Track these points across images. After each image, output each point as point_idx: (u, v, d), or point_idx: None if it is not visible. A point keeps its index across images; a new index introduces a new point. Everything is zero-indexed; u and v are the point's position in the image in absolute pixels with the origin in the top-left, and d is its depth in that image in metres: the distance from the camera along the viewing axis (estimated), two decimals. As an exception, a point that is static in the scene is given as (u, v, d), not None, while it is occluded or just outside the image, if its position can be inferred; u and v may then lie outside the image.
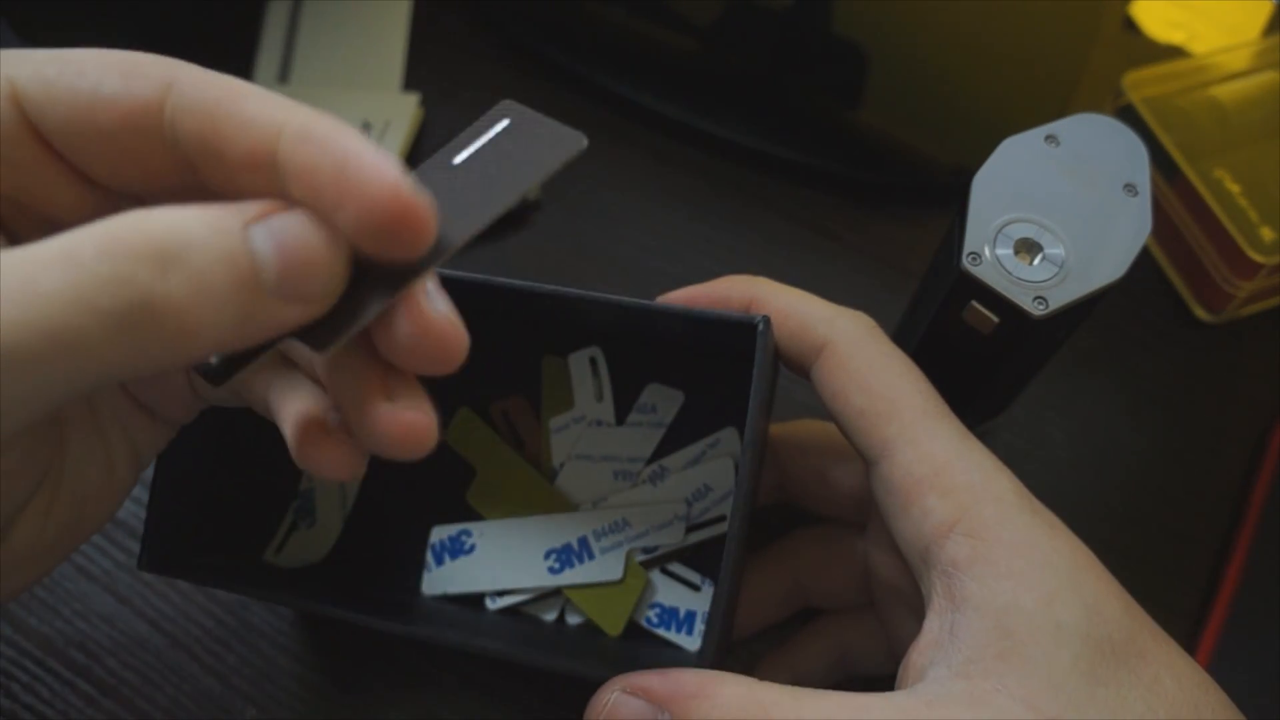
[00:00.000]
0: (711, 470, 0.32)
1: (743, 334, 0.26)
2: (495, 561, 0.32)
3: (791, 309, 0.27)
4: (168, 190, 0.20)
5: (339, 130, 0.18)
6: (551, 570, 0.32)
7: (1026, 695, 0.21)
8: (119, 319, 0.16)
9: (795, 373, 0.28)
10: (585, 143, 0.20)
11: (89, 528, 0.25)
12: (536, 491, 0.33)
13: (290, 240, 0.18)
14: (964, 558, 0.23)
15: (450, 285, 0.28)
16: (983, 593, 0.22)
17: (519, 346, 0.34)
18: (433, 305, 0.19)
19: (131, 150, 0.20)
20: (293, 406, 0.22)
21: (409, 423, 0.20)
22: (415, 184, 0.18)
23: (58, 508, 0.23)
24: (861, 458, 0.26)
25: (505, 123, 0.20)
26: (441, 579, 0.32)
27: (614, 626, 0.31)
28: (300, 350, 0.23)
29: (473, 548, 0.32)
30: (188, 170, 0.20)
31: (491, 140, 0.20)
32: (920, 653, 0.23)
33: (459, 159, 0.20)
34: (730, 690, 0.22)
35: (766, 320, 0.26)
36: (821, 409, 0.27)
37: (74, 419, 0.24)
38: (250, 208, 0.18)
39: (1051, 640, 0.22)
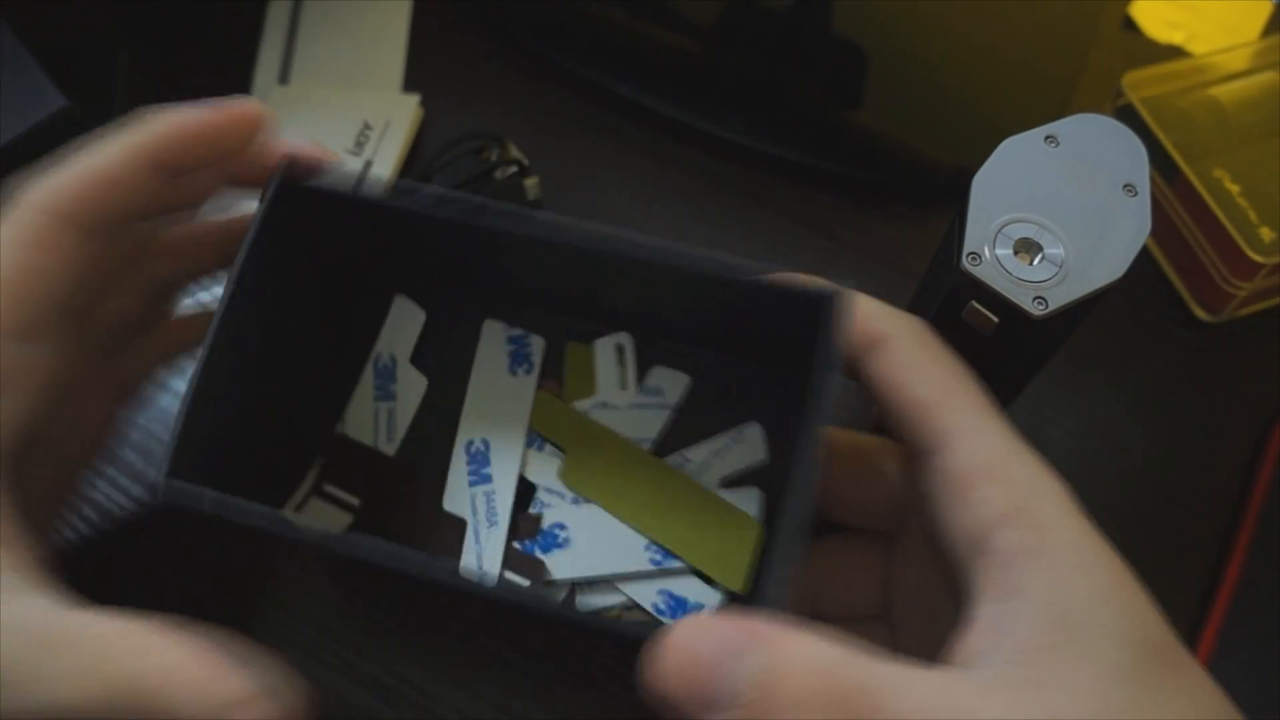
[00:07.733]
0: (737, 497, 0.32)
1: (805, 312, 0.26)
2: (593, 549, 0.32)
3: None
4: None
5: None
6: (653, 559, 0.31)
7: (1081, 688, 0.21)
8: None
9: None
10: None
11: None
12: (635, 461, 0.32)
13: None
14: (1021, 548, 0.23)
15: (487, 234, 0.27)
16: (1038, 584, 0.23)
17: (548, 335, 0.34)
18: None
19: None
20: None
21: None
22: None
23: None
24: (912, 450, 0.26)
25: None
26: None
27: (735, 580, 0.30)
28: None
29: (567, 540, 0.32)
30: None
31: None
32: (976, 636, 0.23)
33: None
34: (814, 651, 0.21)
35: (843, 292, 0.25)
36: (842, 418, 0.27)
37: None
38: None
39: (1104, 638, 0.22)
